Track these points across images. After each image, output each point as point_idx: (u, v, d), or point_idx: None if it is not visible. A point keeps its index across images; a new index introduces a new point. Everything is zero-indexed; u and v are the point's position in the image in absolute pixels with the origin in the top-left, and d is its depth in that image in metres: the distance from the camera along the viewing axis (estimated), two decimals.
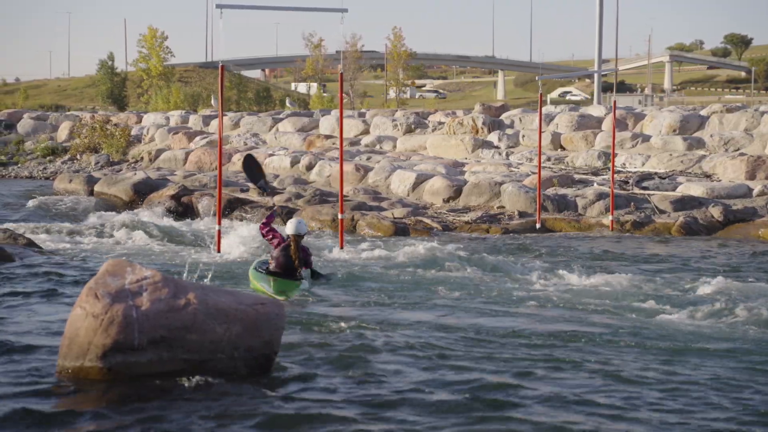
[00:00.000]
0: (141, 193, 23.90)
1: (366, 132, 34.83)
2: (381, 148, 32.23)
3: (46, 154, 39.03)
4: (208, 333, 7.31)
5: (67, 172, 32.15)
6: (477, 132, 31.37)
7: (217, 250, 15.12)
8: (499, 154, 29.18)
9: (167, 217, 21.21)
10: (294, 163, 28.91)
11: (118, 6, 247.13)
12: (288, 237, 11.95)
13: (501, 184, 22.97)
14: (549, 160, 27.55)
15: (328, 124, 35.82)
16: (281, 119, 38.38)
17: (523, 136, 30.09)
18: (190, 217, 21.57)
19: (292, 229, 11.86)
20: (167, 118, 41.87)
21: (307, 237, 14.32)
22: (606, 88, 73.42)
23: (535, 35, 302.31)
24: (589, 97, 77.64)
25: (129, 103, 72.52)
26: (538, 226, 19.98)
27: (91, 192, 25.31)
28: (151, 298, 7.27)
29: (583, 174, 25.46)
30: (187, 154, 32.19)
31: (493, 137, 30.71)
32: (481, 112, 33.43)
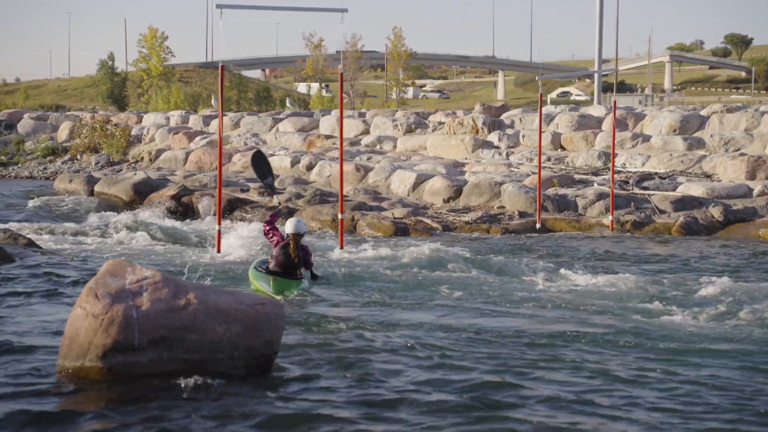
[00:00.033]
0: (141, 193, 23.90)
1: (366, 132, 34.83)
2: (381, 148, 32.23)
3: (46, 154, 39.03)
4: (208, 333, 7.32)
5: (68, 172, 32.16)
6: (477, 132, 31.37)
7: (217, 251, 15.12)
8: (500, 154, 29.18)
9: (167, 217, 21.21)
10: (294, 163, 28.91)
11: (118, 6, 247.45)
12: (287, 236, 12.01)
13: (501, 184, 22.96)
14: (549, 160, 27.55)
15: (328, 124, 35.82)
16: (281, 119, 38.37)
17: (524, 136, 30.09)
18: (191, 218, 21.59)
19: (292, 228, 11.92)
20: (167, 118, 41.86)
21: (308, 237, 14.33)
22: (606, 88, 73.41)
23: (535, 35, 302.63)
24: (590, 97, 77.60)
25: (129, 103, 72.55)
26: (538, 226, 19.98)
27: (91, 192, 25.31)
28: (151, 298, 7.27)
29: (584, 174, 25.45)
30: (187, 154, 32.18)
31: (493, 137, 30.71)
32: (481, 112, 33.42)
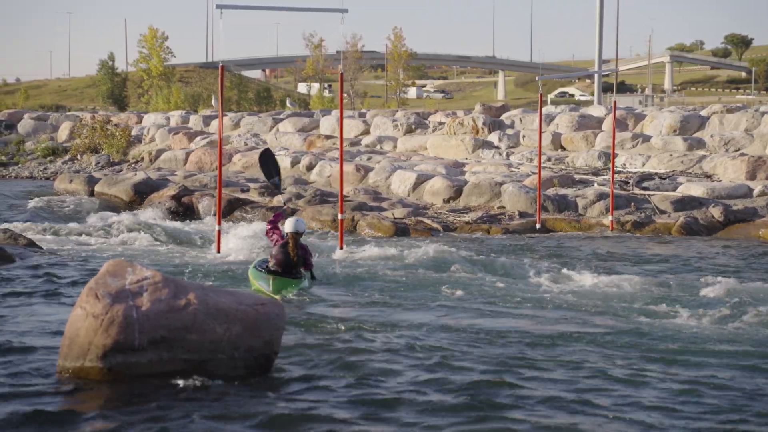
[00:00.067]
0: (141, 193, 23.90)
1: (366, 132, 34.83)
2: (381, 148, 32.23)
3: (46, 154, 39.03)
4: (208, 333, 7.32)
5: (68, 172, 32.16)
6: (477, 132, 31.37)
7: (218, 251, 15.12)
8: (500, 155, 29.18)
9: (168, 217, 21.22)
10: (294, 163, 28.90)
11: (118, 6, 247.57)
12: (286, 235, 12.08)
13: (501, 185, 22.96)
14: (549, 160, 27.55)
15: (328, 124, 35.82)
16: (282, 119, 38.37)
17: (524, 137, 30.09)
18: (191, 218, 21.58)
19: (291, 227, 12.02)
20: (167, 119, 41.87)
21: (309, 237, 14.33)
22: (606, 88, 73.41)
23: (535, 35, 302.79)
24: (591, 96, 77.62)
25: (129, 104, 72.59)
26: (538, 226, 19.98)
27: (91, 192, 25.30)
28: (151, 298, 7.27)
29: (584, 174, 25.45)
30: (187, 155, 32.18)
31: (493, 137, 30.71)
32: (481, 112, 33.42)
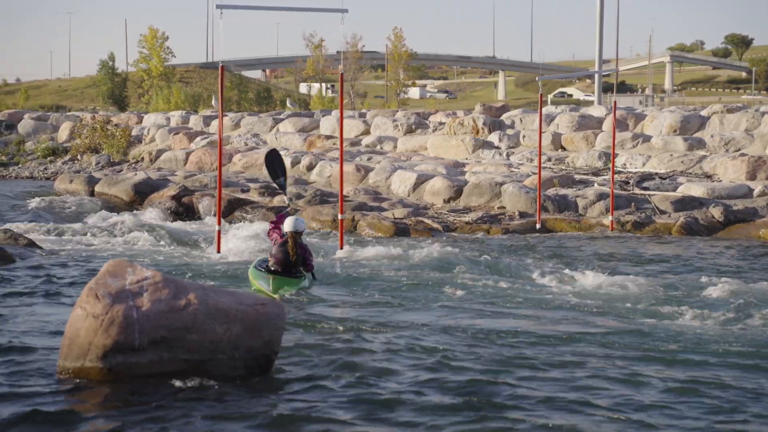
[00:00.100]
0: (141, 193, 23.89)
1: (367, 132, 34.82)
2: (381, 148, 32.22)
3: (46, 154, 39.03)
4: (208, 333, 7.32)
5: (68, 172, 32.15)
6: (477, 132, 31.36)
7: (217, 251, 15.13)
8: (500, 155, 29.17)
9: (168, 217, 21.22)
10: (295, 163, 28.89)
11: (118, 6, 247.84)
12: (286, 234, 12.16)
13: (501, 185, 22.95)
14: (549, 160, 27.54)
15: (328, 124, 35.81)
16: (282, 120, 38.36)
17: (524, 137, 30.09)
18: (191, 218, 21.58)
19: (290, 226, 12.11)
20: (168, 119, 41.86)
21: (309, 238, 14.34)
22: (606, 88, 73.41)
23: (535, 36, 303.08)
24: (592, 95, 77.66)
25: (130, 104, 72.60)
26: (538, 226, 19.97)
27: (91, 192, 25.30)
28: (151, 298, 7.27)
29: (584, 174, 25.44)
30: (187, 155, 32.17)
31: (493, 137, 30.70)
32: (481, 112, 33.41)
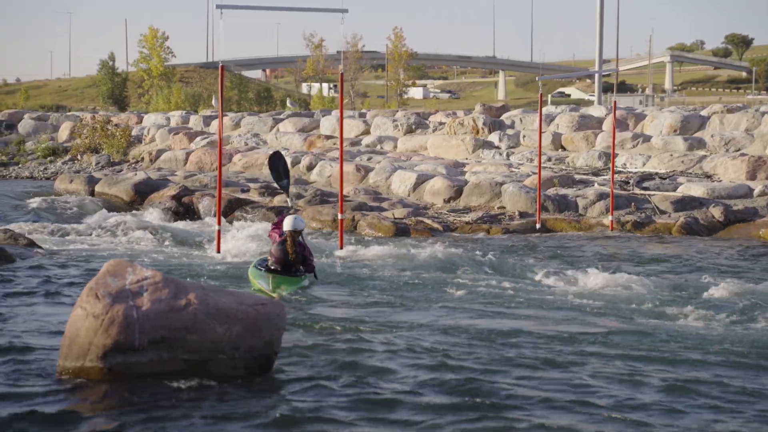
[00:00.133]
0: (142, 193, 23.88)
1: (367, 132, 34.81)
2: (382, 148, 32.21)
3: (46, 154, 39.02)
4: (208, 333, 7.32)
5: (68, 172, 32.15)
6: (477, 132, 31.36)
7: (217, 251, 15.13)
8: (500, 155, 29.17)
9: (168, 217, 21.21)
10: (295, 163, 28.88)
11: (118, 6, 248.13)
12: (285, 233, 12.29)
13: (502, 185, 22.95)
14: (550, 160, 27.54)
15: (328, 124, 35.80)
16: (282, 119, 38.35)
17: (524, 137, 30.08)
18: (191, 218, 21.58)
19: (289, 224, 12.25)
20: (168, 119, 41.85)
21: (309, 238, 14.34)
22: (607, 88, 73.43)
23: (536, 35, 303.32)
24: (592, 95, 77.71)
25: (130, 104, 72.62)
26: (538, 226, 19.97)
27: (91, 192, 25.29)
28: (151, 298, 7.27)
29: (584, 174, 25.44)
30: (187, 155, 32.17)
31: (493, 137, 30.70)
32: (481, 112, 33.40)
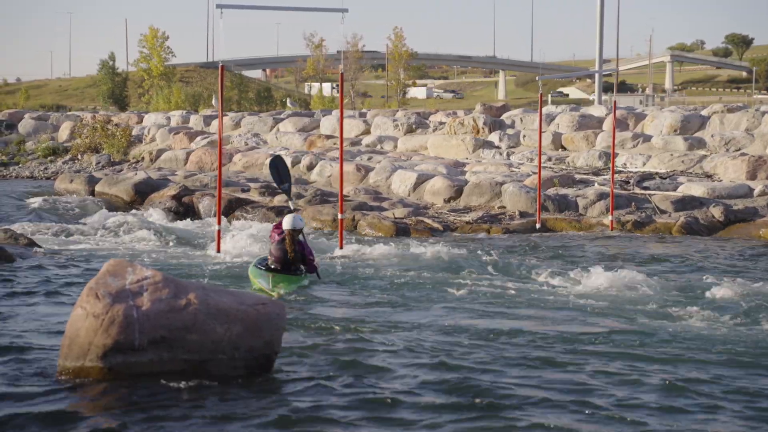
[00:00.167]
0: (142, 193, 23.88)
1: (367, 132, 34.81)
2: (382, 148, 32.20)
3: (47, 154, 39.02)
4: (208, 333, 7.31)
5: (68, 172, 32.14)
6: (478, 132, 31.35)
7: (217, 250, 15.13)
8: (500, 154, 29.16)
9: (168, 217, 21.21)
10: (295, 163, 28.87)
11: (118, 6, 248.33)
12: (284, 232, 12.40)
13: (502, 184, 22.94)
14: (550, 160, 27.54)
15: (329, 124, 35.80)
16: (282, 119, 38.34)
17: (524, 136, 30.07)
18: (191, 218, 21.57)
19: (288, 223, 12.39)
20: (168, 118, 41.85)
21: (309, 238, 14.34)
22: (607, 88, 73.43)
23: (536, 35, 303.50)
24: (592, 96, 77.80)
25: (130, 103, 72.63)
26: (538, 226, 19.97)
27: (92, 192, 25.30)
28: (151, 298, 7.27)
29: (584, 174, 25.44)
30: (187, 154, 32.16)
31: (494, 137, 30.69)
32: (481, 112, 33.39)
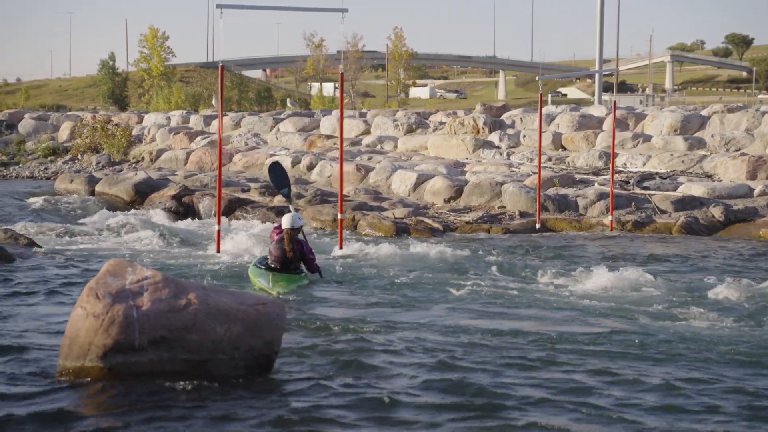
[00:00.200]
0: (142, 193, 23.88)
1: (367, 132, 34.81)
2: (382, 148, 32.21)
3: (47, 154, 39.01)
4: (208, 333, 7.32)
5: (68, 172, 32.14)
6: (478, 132, 31.35)
7: (217, 250, 15.13)
8: (500, 154, 29.16)
9: (168, 217, 21.21)
10: (295, 163, 28.88)
11: (119, 6, 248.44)
12: (283, 231, 12.50)
13: (502, 184, 22.94)
14: (550, 160, 27.54)
15: (329, 124, 35.80)
16: (282, 119, 38.34)
17: (524, 136, 30.07)
18: (191, 217, 21.58)
19: (286, 223, 12.49)
20: (168, 119, 41.85)
21: (309, 238, 14.34)
22: (607, 88, 73.42)
23: (536, 35, 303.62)
24: (592, 97, 77.82)
25: (130, 103, 72.62)
26: (538, 226, 19.97)
27: (92, 192, 25.30)
28: (151, 298, 7.27)
29: (584, 174, 25.44)
30: (188, 154, 32.16)
31: (494, 137, 30.69)
32: (482, 112, 33.39)
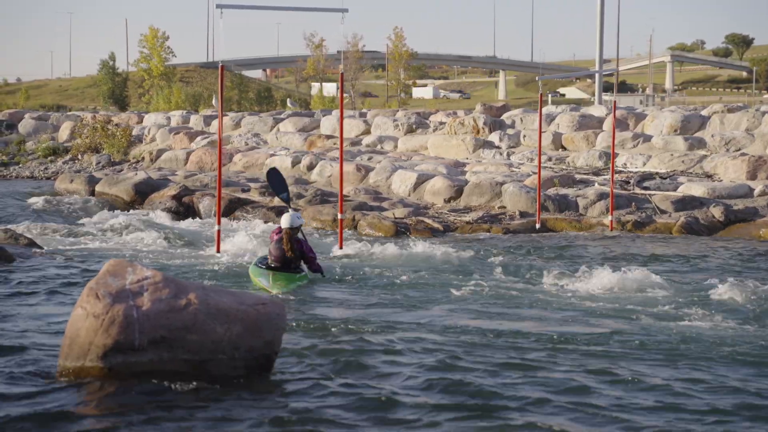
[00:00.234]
0: (142, 193, 23.89)
1: (367, 132, 34.82)
2: (382, 148, 32.21)
3: (47, 154, 39.02)
4: (208, 333, 7.31)
5: (69, 172, 32.15)
6: (478, 132, 31.35)
7: (217, 250, 15.14)
8: (500, 154, 29.17)
9: (168, 217, 21.21)
10: (295, 163, 28.88)
11: (119, 6, 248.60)
12: (282, 231, 12.58)
13: (502, 184, 22.95)
14: (550, 160, 27.54)
15: (329, 124, 35.80)
16: (282, 119, 38.34)
17: (524, 136, 30.07)
18: (191, 217, 21.58)
19: (285, 222, 12.58)
20: (168, 119, 41.86)
21: (309, 238, 14.34)
22: (607, 88, 73.43)
23: (536, 35, 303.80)
24: (592, 97, 77.83)
25: (130, 104, 72.66)
26: (538, 226, 19.97)
27: (92, 192, 25.30)
28: (151, 298, 7.27)
29: (584, 174, 25.44)
30: (188, 154, 32.17)
31: (494, 137, 30.69)
32: (482, 112, 33.40)
